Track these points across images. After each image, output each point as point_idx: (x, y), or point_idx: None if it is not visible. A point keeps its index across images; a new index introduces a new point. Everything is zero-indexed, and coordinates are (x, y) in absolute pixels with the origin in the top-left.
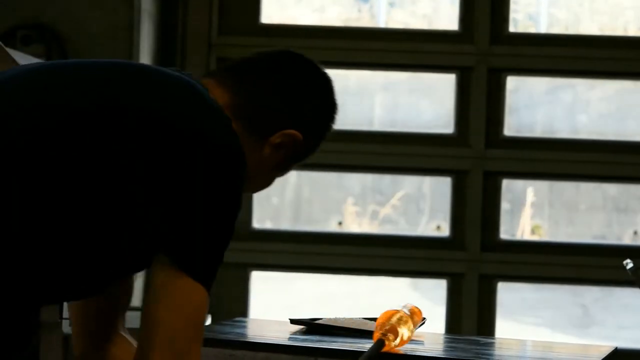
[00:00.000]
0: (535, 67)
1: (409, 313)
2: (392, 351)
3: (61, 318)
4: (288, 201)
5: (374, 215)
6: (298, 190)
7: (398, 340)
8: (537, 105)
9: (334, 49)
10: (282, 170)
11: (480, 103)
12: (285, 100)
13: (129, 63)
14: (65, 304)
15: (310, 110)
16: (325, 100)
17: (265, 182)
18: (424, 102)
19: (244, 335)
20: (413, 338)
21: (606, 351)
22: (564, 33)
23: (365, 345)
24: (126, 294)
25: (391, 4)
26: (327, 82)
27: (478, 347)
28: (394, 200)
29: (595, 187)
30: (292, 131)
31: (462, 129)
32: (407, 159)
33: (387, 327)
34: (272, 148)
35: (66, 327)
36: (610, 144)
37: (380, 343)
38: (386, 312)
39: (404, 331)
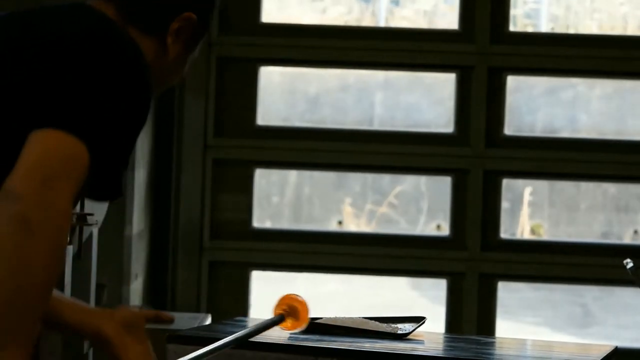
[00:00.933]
0: (536, 67)
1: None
2: (287, 328)
3: None
4: (288, 200)
5: (374, 214)
6: (298, 190)
7: (297, 322)
8: (537, 105)
9: (334, 48)
10: (190, 52)
11: (480, 102)
12: None
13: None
14: None
15: None
16: None
17: (181, 69)
18: (424, 101)
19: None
20: (413, 337)
21: (606, 350)
22: (564, 32)
23: (365, 344)
24: None
25: (392, 3)
26: None
27: (478, 347)
28: (391, 197)
29: (595, 187)
30: (186, 14)
31: (462, 128)
32: (407, 158)
33: (288, 308)
34: (174, 36)
35: None
36: (610, 143)
37: (281, 318)
38: (290, 295)
39: (302, 317)
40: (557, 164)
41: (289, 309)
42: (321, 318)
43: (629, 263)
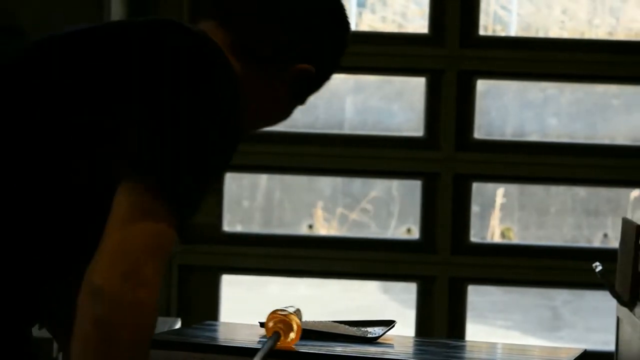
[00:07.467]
0: (506, 70)
1: (294, 312)
2: (286, 346)
3: None
4: (258, 204)
5: (344, 218)
6: (268, 194)
7: (292, 334)
8: (507, 109)
9: None
10: (298, 102)
11: (450, 106)
12: (292, 29)
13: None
14: None
15: (320, 38)
16: (334, 23)
17: (285, 114)
18: (394, 105)
19: (214, 338)
20: (383, 341)
21: (575, 353)
22: (534, 36)
23: (335, 348)
24: None
25: (361, 7)
26: (336, 2)
27: (448, 350)
28: (364, 203)
29: (565, 190)
30: (306, 66)
31: (433, 132)
32: (377, 162)
33: (280, 322)
34: (285, 82)
35: None
36: (580, 147)
37: (277, 336)
38: (275, 311)
39: (295, 326)
40: (527, 168)
41: (281, 325)
42: None
43: (598, 266)
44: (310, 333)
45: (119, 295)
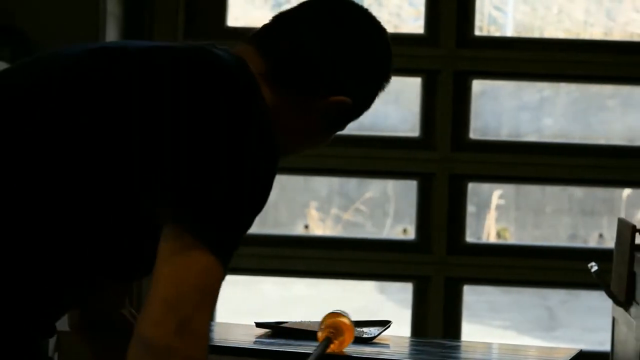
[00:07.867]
0: (501, 71)
1: (349, 317)
2: (337, 352)
3: None
4: None
5: (340, 218)
6: None
7: (343, 340)
8: (502, 109)
9: None
10: (334, 129)
11: (446, 106)
12: (330, 60)
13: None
14: None
15: (360, 69)
16: (375, 57)
17: (320, 141)
18: (390, 105)
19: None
20: (379, 341)
21: (571, 353)
22: (530, 36)
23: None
24: None
25: None
26: (379, 33)
27: (444, 350)
28: (360, 203)
29: (561, 190)
30: (339, 98)
31: (428, 132)
32: (373, 162)
33: (332, 328)
34: (320, 112)
35: None
36: (575, 147)
37: (328, 341)
38: (331, 314)
39: (347, 333)
40: (523, 168)
41: (333, 330)
42: (287, 322)
43: (593, 266)
44: (306, 333)
45: (171, 349)
